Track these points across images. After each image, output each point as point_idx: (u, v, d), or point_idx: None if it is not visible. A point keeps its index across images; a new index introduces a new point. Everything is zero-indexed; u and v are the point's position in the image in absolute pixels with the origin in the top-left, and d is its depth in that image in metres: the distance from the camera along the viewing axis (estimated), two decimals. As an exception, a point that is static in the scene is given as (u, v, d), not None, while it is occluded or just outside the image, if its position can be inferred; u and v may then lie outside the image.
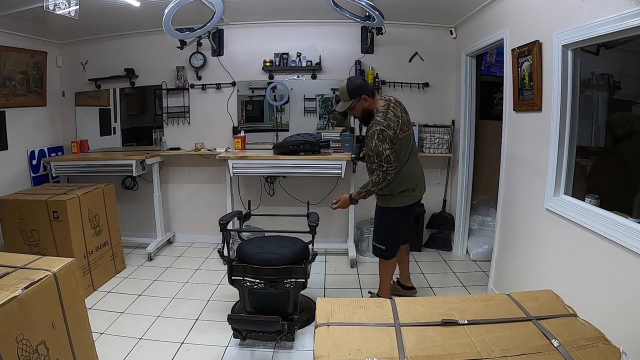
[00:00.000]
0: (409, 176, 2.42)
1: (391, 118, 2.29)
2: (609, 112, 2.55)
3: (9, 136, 3.43)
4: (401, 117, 2.35)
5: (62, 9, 2.34)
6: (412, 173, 2.43)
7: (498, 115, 2.94)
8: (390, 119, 2.29)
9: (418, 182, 2.47)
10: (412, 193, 2.44)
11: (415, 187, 2.45)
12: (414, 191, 2.45)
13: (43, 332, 1.42)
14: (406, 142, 2.38)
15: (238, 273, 2.35)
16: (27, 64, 3.56)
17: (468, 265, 3.52)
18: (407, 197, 2.43)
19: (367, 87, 2.40)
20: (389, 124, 2.27)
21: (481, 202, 3.83)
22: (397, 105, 2.40)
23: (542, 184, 2.17)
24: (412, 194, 2.44)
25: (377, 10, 2.81)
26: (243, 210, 3.01)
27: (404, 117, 2.38)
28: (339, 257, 3.67)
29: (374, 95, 2.42)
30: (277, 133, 3.89)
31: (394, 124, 2.28)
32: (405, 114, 2.43)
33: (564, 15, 1.94)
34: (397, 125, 2.29)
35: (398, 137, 2.29)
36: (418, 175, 2.49)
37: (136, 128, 4.13)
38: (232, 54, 3.81)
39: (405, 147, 2.38)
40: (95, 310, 2.66)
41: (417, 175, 2.48)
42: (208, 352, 2.24)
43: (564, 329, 1.21)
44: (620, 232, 1.59)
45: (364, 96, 2.35)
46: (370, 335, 1.22)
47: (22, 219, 2.80)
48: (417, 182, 2.47)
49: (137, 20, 3.45)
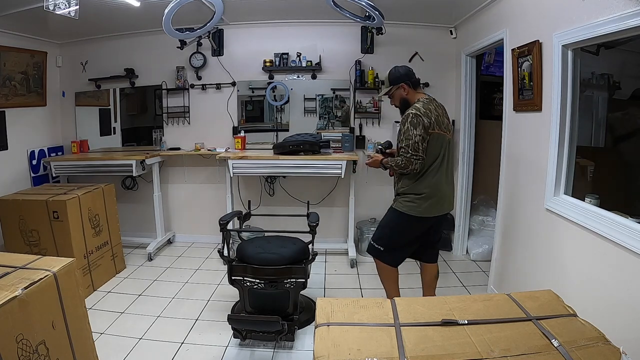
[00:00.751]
0: (433, 185, 2.21)
1: (430, 109, 2.17)
2: (608, 112, 2.56)
3: (9, 136, 3.44)
4: (441, 115, 2.23)
5: (62, 9, 2.34)
6: (437, 183, 2.21)
7: (498, 115, 2.94)
8: (430, 110, 2.17)
9: (442, 197, 2.24)
10: (430, 204, 2.21)
11: (436, 199, 2.21)
12: (434, 204, 2.21)
13: (43, 332, 1.42)
14: (442, 142, 2.20)
15: (238, 273, 2.35)
16: (27, 64, 3.56)
17: (468, 265, 3.52)
18: (423, 207, 2.21)
19: (410, 77, 2.30)
20: (426, 112, 2.14)
21: (481, 202, 3.83)
22: (440, 107, 2.28)
23: (542, 184, 2.17)
24: (430, 206, 2.21)
25: (377, 10, 2.81)
26: (243, 210, 3.01)
27: (444, 119, 2.25)
28: (339, 257, 3.67)
29: (415, 87, 2.33)
30: (277, 133, 3.89)
31: (432, 114, 2.15)
32: (447, 118, 2.30)
33: (564, 15, 1.94)
34: (435, 118, 2.16)
35: (434, 130, 2.14)
36: (444, 190, 2.25)
37: (136, 128, 4.13)
38: (232, 54, 3.81)
39: (438, 148, 2.19)
40: (95, 310, 2.66)
41: (444, 189, 2.24)
42: (208, 352, 2.24)
43: (564, 329, 1.21)
44: (620, 232, 1.59)
45: (402, 84, 2.28)
46: (370, 335, 1.22)
47: (22, 219, 2.80)
48: (441, 196, 2.24)
49: (137, 20, 3.45)
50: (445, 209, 2.30)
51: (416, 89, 2.34)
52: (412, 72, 2.33)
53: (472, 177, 3.61)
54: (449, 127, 2.28)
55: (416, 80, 2.36)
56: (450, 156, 2.28)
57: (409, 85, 2.30)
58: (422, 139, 2.12)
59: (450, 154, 2.28)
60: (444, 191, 2.25)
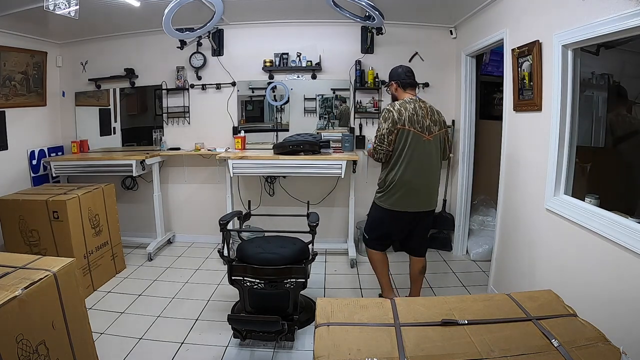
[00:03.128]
0: (398, 178, 2.33)
1: (406, 107, 2.31)
2: (608, 112, 2.56)
3: (9, 136, 3.43)
4: (421, 115, 2.31)
5: (62, 9, 2.34)
6: (402, 177, 2.32)
7: (498, 115, 2.94)
8: (405, 108, 2.31)
9: (410, 192, 2.34)
10: (398, 197, 2.35)
11: (402, 193, 2.34)
12: (401, 197, 2.35)
13: (43, 332, 1.42)
14: (411, 139, 2.28)
15: (238, 273, 2.35)
16: (27, 64, 3.56)
17: (468, 265, 3.52)
18: (392, 200, 2.38)
19: (401, 77, 2.46)
20: (400, 109, 2.30)
21: (481, 202, 3.83)
22: (424, 108, 2.35)
23: (542, 184, 2.17)
24: (398, 199, 2.35)
25: (377, 10, 2.81)
26: (243, 210, 3.01)
27: (423, 119, 2.31)
28: (339, 257, 3.67)
29: (405, 88, 2.44)
30: (277, 133, 3.89)
31: (406, 112, 2.29)
32: (432, 121, 2.33)
33: (564, 15, 1.94)
34: (409, 117, 2.28)
35: (403, 126, 2.27)
36: (414, 186, 2.34)
37: (136, 128, 4.13)
38: (232, 54, 3.81)
39: (406, 144, 2.28)
40: (95, 310, 2.66)
41: (412, 185, 2.34)
42: (208, 352, 2.24)
43: (564, 329, 1.21)
44: (620, 232, 1.59)
45: (392, 82, 2.49)
46: (370, 335, 1.22)
47: (22, 219, 2.80)
48: (408, 191, 2.34)
49: (137, 20, 3.45)
50: (419, 206, 2.40)
51: (406, 90, 2.45)
52: (406, 74, 2.46)
53: (472, 177, 3.61)
54: (430, 128, 2.33)
55: (408, 82, 2.46)
56: (430, 157, 2.35)
57: (399, 85, 2.46)
58: (388, 132, 2.30)
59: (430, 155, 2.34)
60: (412, 187, 2.34)
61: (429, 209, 2.46)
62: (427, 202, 2.44)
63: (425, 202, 2.43)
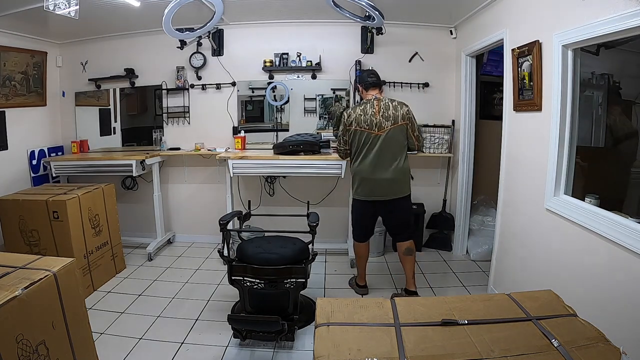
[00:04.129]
0: (357, 172, 2.71)
1: (355, 109, 2.65)
2: (608, 112, 2.56)
3: (9, 136, 3.43)
4: (370, 114, 2.59)
5: (62, 9, 2.34)
6: (361, 171, 2.68)
7: (498, 115, 2.94)
8: (354, 110, 2.65)
9: (369, 183, 2.67)
10: (360, 188, 2.72)
11: (362, 184, 2.70)
12: (362, 188, 2.71)
13: (43, 332, 1.42)
14: (363, 137, 2.61)
15: (238, 273, 2.35)
16: (27, 64, 3.56)
17: (468, 265, 3.52)
18: (357, 191, 2.75)
19: (363, 79, 2.75)
20: (350, 112, 2.67)
21: (481, 202, 3.83)
22: (377, 106, 2.61)
23: (542, 184, 2.17)
24: (360, 190, 2.72)
25: (377, 10, 2.81)
26: (243, 210, 3.01)
27: (372, 117, 2.59)
28: (339, 257, 3.67)
29: (367, 89, 2.71)
30: (277, 133, 3.89)
31: (354, 113, 2.63)
32: (382, 117, 2.59)
33: (564, 15, 1.94)
34: (357, 118, 2.61)
35: (351, 126, 2.64)
36: (373, 177, 2.64)
37: (136, 128, 4.13)
38: (232, 54, 3.81)
39: (359, 142, 2.63)
40: (95, 310, 2.66)
41: (372, 177, 2.65)
42: (208, 352, 2.24)
43: (564, 329, 1.21)
44: (620, 232, 1.59)
45: (359, 85, 2.78)
46: (370, 335, 1.22)
47: (22, 219, 2.80)
48: (367, 183, 2.67)
49: (137, 20, 3.45)
50: (383, 194, 2.67)
51: (368, 90, 2.72)
52: (369, 76, 2.73)
53: (472, 177, 3.61)
54: (381, 124, 2.58)
55: (370, 82, 2.71)
56: (385, 150, 2.60)
57: (363, 87, 2.74)
58: (342, 133, 2.73)
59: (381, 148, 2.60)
60: (369, 177, 2.66)
61: (395, 197, 2.67)
62: (390, 190, 2.66)
63: (388, 191, 2.66)
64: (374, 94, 2.68)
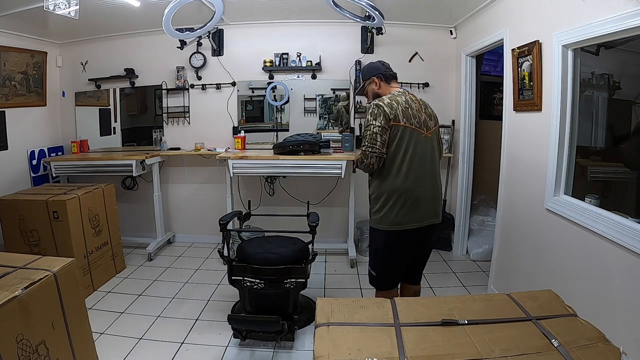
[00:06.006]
0: (399, 186, 1.88)
1: (398, 101, 1.89)
2: (609, 112, 2.55)
3: (9, 136, 3.43)
4: (415, 109, 1.92)
5: (62, 9, 2.35)
6: (404, 184, 1.88)
7: (498, 115, 2.94)
8: (397, 101, 1.89)
9: (415, 203, 1.89)
10: (399, 211, 1.89)
11: (405, 204, 1.88)
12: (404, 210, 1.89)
13: (43, 332, 1.42)
14: (410, 137, 1.87)
15: (238, 273, 2.35)
16: (27, 64, 3.56)
17: (468, 265, 3.52)
18: (393, 216, 1.89)
19: (380, 69, 2.05)
20: (391, 103, 1.87)
21: (481, 202, 3.83)
22: (417, 100, 1.98)
23: (542, 184, 2.17)
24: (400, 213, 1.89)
25: (377, 10, 2.81)
26: (243, 210, 3.01)
27: (421, 114, 1.93)
28: (339, 257, 3.67)
29: (389, 81, 2.05)
30: (277, 133, 3.89)
31: (398, 105, 1.87)
32: (427, 115, 1.98)
33: (564, 15, 1.94)
34: (403, 110, 1.87)
35: (398, 123, 1.85)
36: (418, 194, 1.90)
37: (136, 128, 4.13)
38: (232, 54, 3.81)
39: (405, 143, 1.86)
40: (95, 310, 2.66)
41: (417, 193, 1.89)
42: (208, 352, 2.24)
43: (564, 329, 1.21)
44: (620, 232, 1.59)
45: (373, 78, 2.04)
46: (370, 335, 1.22)
47: (22, 219, 2.80)
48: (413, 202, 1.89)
49: (137, 20, 3.45)
50: (425, 218, 1.94)
51: (390, 83, 2.06)
52: (385, 66, 2.09)
53: (472, 177, 3.61)
54: (427, 124, 1.95)
55: (391, 74, 2.08)
56: (432, 157, 1.97)
57: (381, 79, 2.04)
58: (381, 130, 1.84)
59: (431, 155, 1.97)
60: (415, 195, 1.89)
61: (436, 221, 2.00)
62: (434, 212, 1.98)
63: (432, 213, 1.97)
64: (398, 88, 2.03)
